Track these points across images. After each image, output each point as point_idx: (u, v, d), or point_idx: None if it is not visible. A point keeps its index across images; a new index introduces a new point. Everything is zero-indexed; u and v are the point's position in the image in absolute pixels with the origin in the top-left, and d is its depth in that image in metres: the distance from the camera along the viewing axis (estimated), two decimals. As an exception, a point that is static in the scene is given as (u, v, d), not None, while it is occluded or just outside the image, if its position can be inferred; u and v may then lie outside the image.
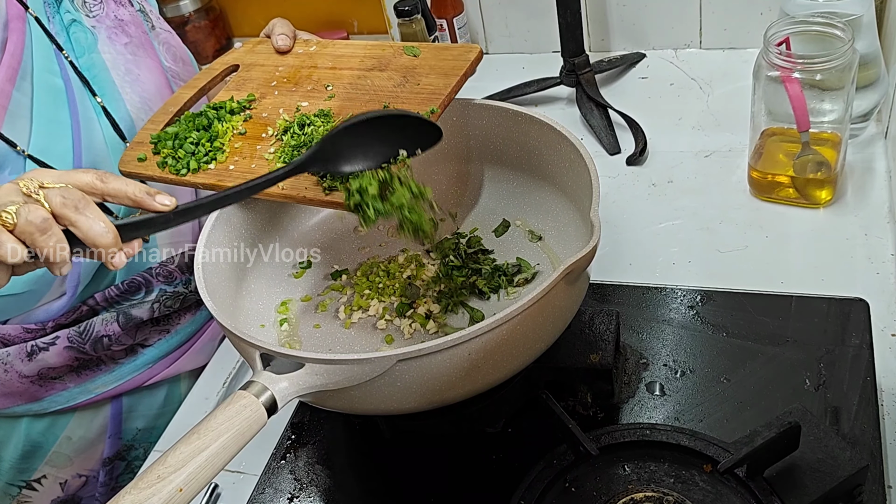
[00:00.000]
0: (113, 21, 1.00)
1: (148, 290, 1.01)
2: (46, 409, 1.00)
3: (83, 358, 0.98)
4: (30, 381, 0.97)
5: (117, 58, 0.99)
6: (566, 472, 0.75)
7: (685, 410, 0.82)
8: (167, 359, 1.05)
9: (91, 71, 0.96)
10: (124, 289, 0.99)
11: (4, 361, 0.95)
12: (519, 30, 1.51)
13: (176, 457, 0.57)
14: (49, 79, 0.92)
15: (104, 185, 0.65)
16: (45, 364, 0.96)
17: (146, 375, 1.04)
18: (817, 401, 0.79)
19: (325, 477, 0.85)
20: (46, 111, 0.91)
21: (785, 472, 0.70)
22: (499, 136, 0.95)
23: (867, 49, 1.04)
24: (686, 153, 1.18)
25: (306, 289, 0.96)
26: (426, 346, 0.65)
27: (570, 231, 0.91)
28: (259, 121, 0.88)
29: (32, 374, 0.97)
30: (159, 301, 1.01)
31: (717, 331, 0.89)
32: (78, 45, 0.96)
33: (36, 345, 0.95)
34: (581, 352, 0.82)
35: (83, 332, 0.97)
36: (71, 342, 0.96)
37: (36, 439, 1.02)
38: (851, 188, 1.04)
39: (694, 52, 1.41)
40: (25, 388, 0.98)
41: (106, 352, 0.99)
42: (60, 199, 0.62)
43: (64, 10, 0.96)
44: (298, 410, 0.92)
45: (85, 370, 1.00)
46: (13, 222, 0.60)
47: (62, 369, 0.98)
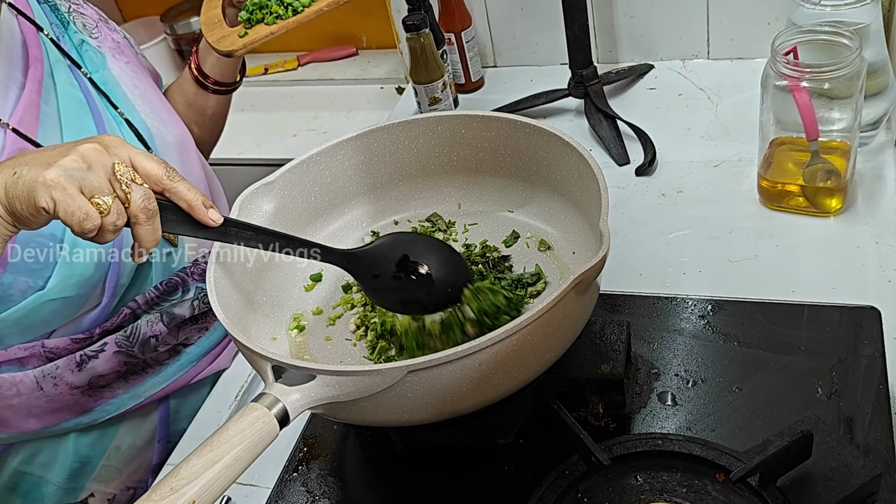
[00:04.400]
0: (112, 43, 1.06)
1: (185, 289, 1.04)
2: (96, 420, 1.01)
3: (131, 362, 1.00)
4: (80, 392, 0.98)
5: (124, 75, 1.04)
6: (578, 482, 0.75)
7: (697, 420, 0.81)
8: (209, 356, 1.07)
9: (106, 86, 1.01)
10: (163, 289, 1.02)
11: (54, 375, 0.96)
12: (527, 42, 1.52)
13: (189, 469, 0.58)
14: (71, 91, 0.96)
15: (169, 183, 0.67)
16: (95, 372, 0.97)
17: (191, 374, 1.06)
18: (830, 409, 0.79)
19: (338, 489, 0.85)
20: (74, 121, 0.95)
21: (798, 481, 0.70)
22: (508, 148, 0.95)
23: (875, 57, 1.04)
24: (695, 163, 1.18)
25: (318, 301, 0.96)
26: (436, 357, 0.65)
27: (579, 241, 0.91)
28: None
29: (83, 384, 0.98)
30: (198, 298, 1.04)
31: (728, 340, 0.89)
32: (91, 62, 1.01)
33: (85, 354, 0.96)
34: (592, 362, 0.82)
35: (130, 335, 0.98)
36: (119, 346, 0.98)
37: (84, 454, 1.03)
38: (861, 196, 1.04)
39: (702, 63, 1.41)
40: (76, 401, 0.99)
41: (153, 353, 1.01)
42: (142, 204, 0.65)
43: (72, 30, 1.01)
44: (310, 423, 0.92)
45: (133, 375, 1.01)
46: (107, 210, 0.64)
47: (111, 376, 0.99)
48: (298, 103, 1.81)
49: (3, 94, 0.90)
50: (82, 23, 1.03)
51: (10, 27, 0.94)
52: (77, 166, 0.63)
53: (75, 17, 1.02)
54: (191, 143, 1.09)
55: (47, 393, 0.96)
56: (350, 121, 1.69)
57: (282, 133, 1.71)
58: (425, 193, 1.02)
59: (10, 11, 0.95)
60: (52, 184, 0.62)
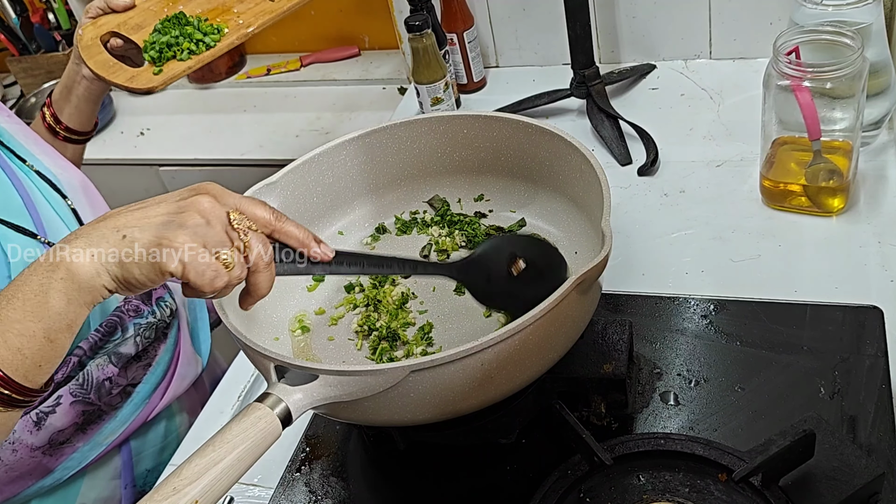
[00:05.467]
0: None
1: (124, 328, 1.00)
2: (59, 480, 0.96)
3: (88, 410, 0.96)
4: (41, 453, 0.93)
5: (12, 127, 1.01)
6: (580, 482, 0.75)
7: (699, 420, 0.81)
8: (158, 391, 1.04)
9: (3, 137, 0.98)
10: (105, 331, 0.98)
11: (12, 441, 0.91)
12: (529, 43, 1.52)
13: (191, 469, 0.58)
14: None
15: (279, 224, 0.66)
16: (54, 428, 0.93)
17: (146, 412, 1.02)
18: (832, 409, 0.79)
19: (340, 489, 0.85)
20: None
21: (800, 481, 0.70)
22: (510, 148, 0.95)
23: (877, 57, 1.04)
24: (697, 163, 1.18)
25: (320, 301, 0.96)
26: (439, 357, 0.65)
27: (581, 241, 0.91)
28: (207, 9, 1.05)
29: (43, 444, 0.93)
30: (138, 334, 1.00)
31: (730, 340, 0.89)
32: None
33: (41, 411, 0.92)
34: (594, 362, 0.82)
35: (83, 382, 0.94)
36: (75, 396, 0.93)
37: None
38: (864, 196, 1.04)
39: (704, 63, 1.41)
40: (37, 463, 0.94)
41: (108, 398, 0.97)
42: (260, 252, 0.63)
43: None
44: (313, 423, 0.92)
45: (90, 425, 0.97)
46: (232, 263, 0.62)
47: (70, 430, 0.95)
48: (301, 104, 1.81)
49: None
50: None
51: None
52: (198, 222, 0.60)
53: None
54: (90, 183, 1.06)
55: (6, 461, 0.91)
56: (352, 121, 1.70)
57: (284, 133, 1.71)
58: (427, 194, 1.02)
59: None
60: (179, 246, 0.59)
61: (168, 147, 1.81)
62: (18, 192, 0.94)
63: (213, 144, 1.75)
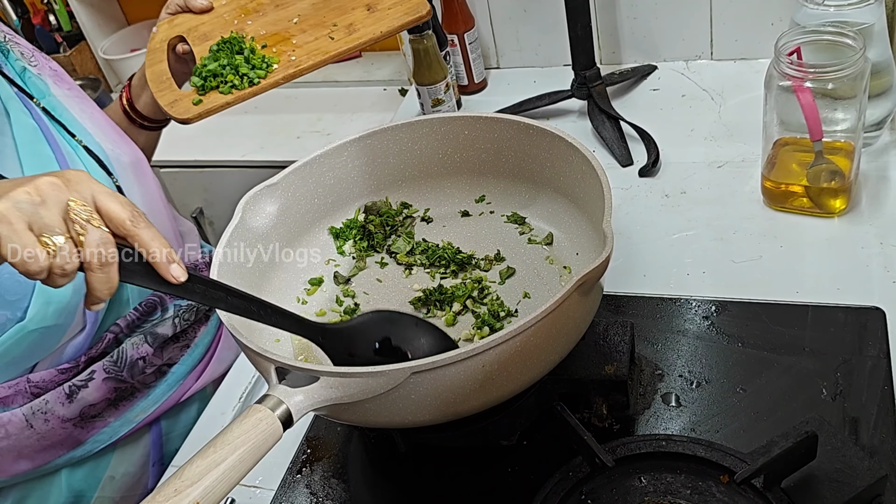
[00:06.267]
0: (50, 71, 1.03)
1: (164, 308, 1.02)
2: (89, 452, 0.98)
3: (121, 388, 0.98)
4: (72, 425, 0.95)
5: (69, 100, 1.01)
6: (582, 484, 0.75)
7: (701, 421, 0.81)
8: (194, 373, 1.06)
9: (55, 111, 0.98)
10: (143, 310, 1.00)
11: (44, 411, 0.93)
12: (530, 44, 1.52)
13: (192, 470, 0.58)
14: (24, 120, 0.94)
15: (133, 229, 0.61)
16: (86, 402, 0.95)
17: (179, 393, 1.04)
18: (835, 411, 0.78)
19: (341, 491, 0.85)
20: (30, 148, 0.92)
21: (802, 483, 0.70)
22: (511, 150, 0.95)
23: (879, 57, 1.03)
24: (699, 164, 1.18)
25: (320, 303, 0.96)
26: (440, 359, 0.65)
27: (583, 242, 0.91)
28: (270, 33, 1.01)
29: (74, 416, 0.95)
30: (178, 315, 1.02)
31: (732, 341, 0.89)
32: (36, 89, 0.98)
33: (74, 384, 0.94)
34: (596, 363, 0.82)
35: (117, 359, 0.96)
36: (108, 373, 0.95)
37: (78, 488, 1.00)
38: (866, 197, 1.04)
39: (705, 64, 1.41)
40: (68, 434, 0.96)
41: (141, 376, 0.99)
42: (96, 250, 0.59)
43: (13, 59, 0.99)
44: (314, 424, 0.92)
45: (122, 401, 0.99)
46: (55, 251, 0.58)
47: (102, 405, 0.97)
48: (302, 105, 1.81)
49: None
50: (20, 51, 1.00)
51: None
52: (28, 199, 0.58)
53: (12, 46, 1.00)
54: (144, 162, 1.06)
55: (38, 430, 0.93)
56: (353, 122, 1.70)
57: (285, 135, 1.71)
58: (428, 195, 1.02)
59: None
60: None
61: (169, 148, 1.80)
62: (60, 166, 0.94)
63: (214, 146, 1.75)
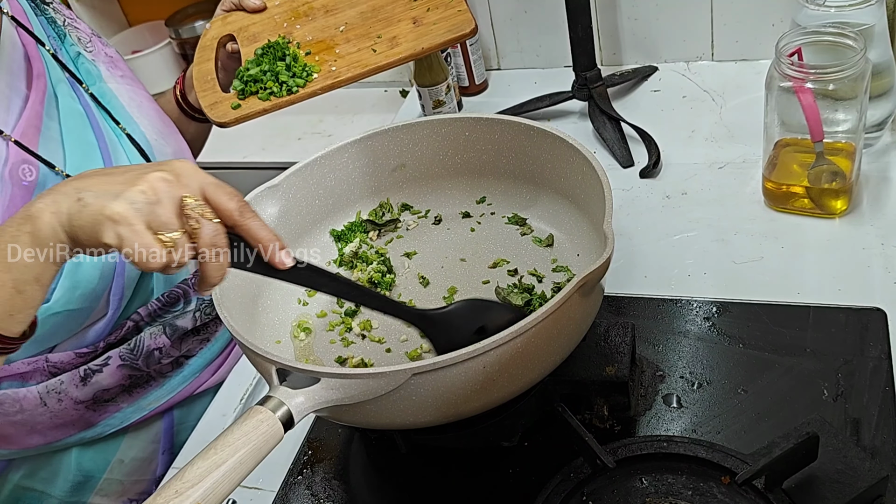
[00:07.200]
0: (105, 57, 1.04)
1: (186, 301, 1.03)
2: (100, 434, 1.00)
3: (136, 375, 0.99)
4: (85, 407, 0.97)
5: (120, 88, 1.03)
6: (583, 485, 0.75)
7: (702, 422, 0.81)
8: (211, 367, 1.07)
9: (104, 99, 0.99)
10: (165, 301, 1.01)
11: (58, 391, 0.95)
12: (531, 45, 1.52)
13: (193, 472, 0.58)
14: (72, 105, 0.95)
15: (241, 220, 0.64)
16: (100, 386, 0.96)
17: (194, 385, 1.05)
18: (836, 411, 0.78)
19: (342, 492, 0.85)
20: (75, 134, 0.94)
21: (804, 484, 0.69)
22: (512, 151, 0.95)
23: (880, 58, 1.03)
24: (700, 165, 1.18)
25: (322, 304, 0.96)
26: (441, 360, 0.65)
27: (583, 244, 0.91)
28: (316, 39, 1.01)
29: (87, 399, 0.96)
30: (199, 309, 1.03)
31: (733, 342, 0.89)
32: (88, 75, 1.00)
33: (89, 368, 0.95)
34: (597, 364, 0.82)
35: (134, 348, 0.98)
36: (123, 360, 0.97)
37: (87, 468, 1.02)
38: (867, 198, 1.04)
39: (706, 65, 1.41)
40: (80, 415, 0.97)
41: (156, 366, 1.00)
42: (210, 241, 0.61)
43: (68, 43, 1.00)
44: (315, 426, 0.92)
45: (137, 388, 1.01)
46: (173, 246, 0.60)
47: (115, 390, 0.98)
48: (303, 106, 1.79)
49: (6, 107, 0.89)
50: (77, 36, 1.02)
51: (12, 39, 0.93)
52: (145, 199, 0.59)
53: (70, 30, 1.02)
54: (188, 154, 1.08)
55: (51, 409, 0.95)
56: (354, 124, 1.69)
57: (286, 136, 1.71)
58: (429, 196, 1.02)
59: (11, 23, 0.94)
60: (119, 219, 0.59)
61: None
62: (102, 154, 0.95)
63: (215, 147, 1.74)
